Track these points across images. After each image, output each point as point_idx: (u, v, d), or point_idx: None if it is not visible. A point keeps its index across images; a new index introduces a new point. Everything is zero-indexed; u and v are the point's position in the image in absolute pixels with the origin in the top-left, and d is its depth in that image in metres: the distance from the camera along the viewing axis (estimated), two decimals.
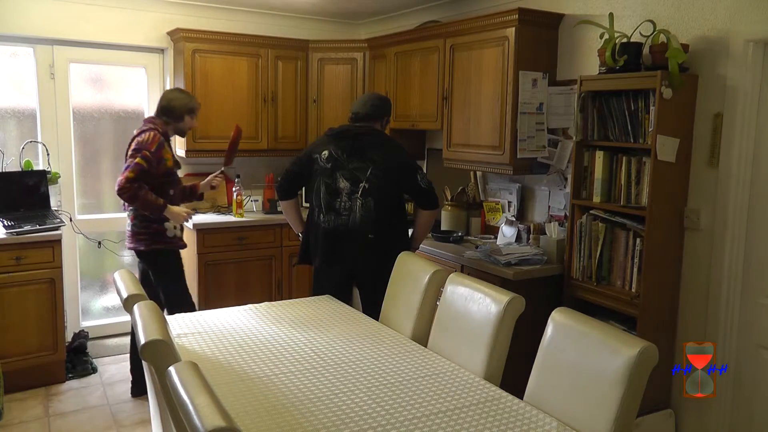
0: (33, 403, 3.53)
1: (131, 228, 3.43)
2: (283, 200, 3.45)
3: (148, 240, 3.40)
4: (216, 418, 1.26)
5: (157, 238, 3.40)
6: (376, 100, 3.31)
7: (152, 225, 3.38)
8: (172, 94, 3.52)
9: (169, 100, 3.47)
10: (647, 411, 2.81)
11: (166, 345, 1.70)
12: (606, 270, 2.95)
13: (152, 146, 3.28)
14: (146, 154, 3.25)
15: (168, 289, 3.47)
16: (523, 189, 3.75)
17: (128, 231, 3.46)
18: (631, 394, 1.72)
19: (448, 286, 2.51)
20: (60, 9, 4.11)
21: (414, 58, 4.08)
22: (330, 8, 4.62)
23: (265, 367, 2.17)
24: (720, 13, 2.70)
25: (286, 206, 3.47)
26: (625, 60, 2.79)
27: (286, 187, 3.39)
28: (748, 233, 2.70)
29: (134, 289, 2.23)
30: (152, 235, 3.40)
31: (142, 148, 3.26)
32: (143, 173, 3.22)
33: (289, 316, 2.75)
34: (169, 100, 3.47)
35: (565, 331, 1.98)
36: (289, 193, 3.41)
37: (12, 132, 4.18)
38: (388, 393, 1.98)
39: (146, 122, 3.47)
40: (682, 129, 2.77)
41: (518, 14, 3.26)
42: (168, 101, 3.46)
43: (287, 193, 3.40)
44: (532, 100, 3.38)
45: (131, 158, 3.26)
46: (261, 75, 4.52)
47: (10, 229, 3.58)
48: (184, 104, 3.46)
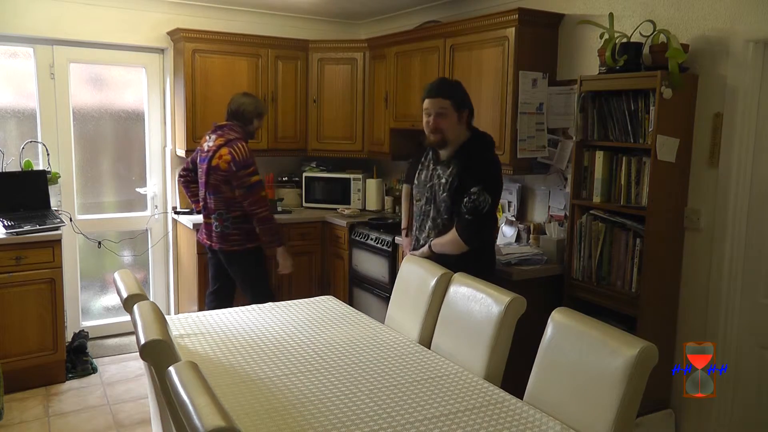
0: (33, 403, 3.53)
1: (221, 230, 3.58)
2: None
3: (242, 240, 3.58)
4: (216, 418, 1.26)
5: (251, 237, 3.59)
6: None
7: (244, 225, 3.57)
8: (241, 100, 3.65)
9: (239, 105, 3.62)
10: (647, 411, 2.81)
11: (166, 345, 1.70)
12: (606, 270, 2.95)
13: (251, 158, 3.50)
14: (255, 168, 3.49)
15: (256, 283, 3.65)
16: (523, 189, 3.75)
17: (215, 233, 3.60)
18: (631, 394, 1.72)
19: (451, 287, 2.51)
20: (60, 9, 4.11)
21: (414, 58, 4.08)
22: (330, 8, 4.62)
23: (266, 368, 2.17)
24: (720, 13, 2.70)
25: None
26: (625, 60, 2.79)
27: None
28: (748, 233, 2.70)
29: (134, 289, 2.23)
30: (246, 235, 3.58)
31: (249, 163, 3.46)
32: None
33: (290, 316, 2.75)
34: (239, 105, 3.62)
35: (565, 331, 1.98)
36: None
37: (12, 132, 4.18)
38: (389, 395, 1.98)
39: (227, 129, 3.56)
40: (682, 129, 2.77)
41: (518, 14, 3.26)
42: (238, 106, 3.61)
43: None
44: (532, 100, 3.38)
45: (248, 177, 3.45)
46: (261, 75, 4.52)
47: (10, 229, 3.58)
48: (253, 109, 3.63)
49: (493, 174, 2.77)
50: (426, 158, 2.98)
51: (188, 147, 4.32)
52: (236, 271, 3.68)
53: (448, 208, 2.80)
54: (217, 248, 3.62)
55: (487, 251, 2.88)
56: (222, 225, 3.57)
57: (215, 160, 3.49)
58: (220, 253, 3.65)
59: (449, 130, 2.78)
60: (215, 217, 3.59)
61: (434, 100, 2.79)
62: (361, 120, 4.65)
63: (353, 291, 4.34)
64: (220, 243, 3.60)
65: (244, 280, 3.69)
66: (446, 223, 2.83)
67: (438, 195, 2.84)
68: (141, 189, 4.70)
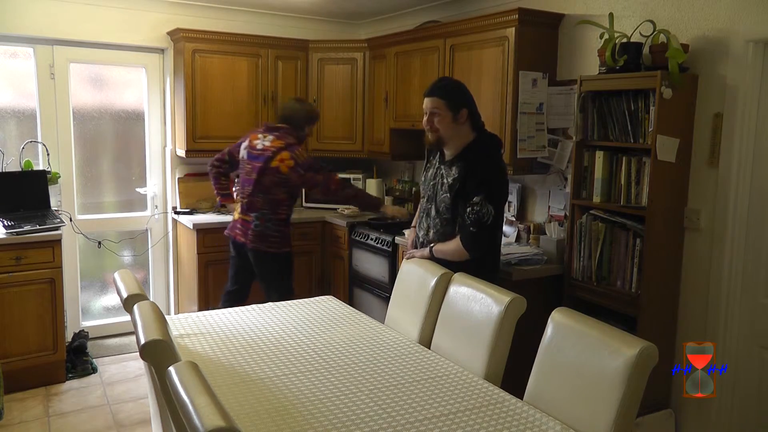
0: (33, 403, 3.53)
1: (261, 229, 3.59)
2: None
3: (279, 243, 3.63)
4: (216, 418, 1.26)
5: (288, 241, 3.68)
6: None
7: (284, 229, 3.64)
8: (294, 106, 3.74)
9: (291, 111, 3.70)
10: (647, 411, 2.81)
11: (166, 345, 1.70)
12: (606, 270, 2.95)
13: (312, 158, 3.65)
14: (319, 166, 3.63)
15: (282, 285, 3.70)
16: (523, 189, 3.75)
17: (253, 231, 3.60)
18: (631, 394, 1.72)
19: (452, 286, 2.50)
20: (60, 9, 4.11)
21: (414, 58, 4.08)
22: (330, 8, 4.62)
23: (266, 368, 2.17)
24: (720, 13, 2.70)
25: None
26: (625, 60, 2.79)
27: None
28: (748, 233, 2.70)
29: (134, 289, 2.23)
30: (284, 238, 3.65)
31: (312, 164, 3.59)
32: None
33: (290, 316, 2.75)
34: (291, 111, 3.70)
35: (565, 331, 1.98)
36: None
37: (12, 132, 4.18)
38: (390, 395, 1.98)
39: (284, 133, 3.62)
40: (682, 129, 2.77)
41: (518, 14, 3.26)
42: (291, 112, 3.69)
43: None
44: (532, 100, 3.38)
45: (316, 175, 3.59)
46: (261, 75, 4.52)
47: (10, 229, 3.58)
48: (305, 115, 3.71)
49: (496, 180, 2.74)
50: (434, 157, 2.98)
51: (188, 147, 4.32)
52: (266, 271, 3.68)
53: (447, 207, 2.80)
54: (251, 247, 3.61)
55: (490, 256, 2.86)
56: (263, 225, 3.58)
57: (276, 162, 3.52)
58: (253, 252, 3.63)
59: (444, 130, 2.78)
60: (257, 216, 3.59)
61: (430, 99, 2.80)
62: (361, 120, 4.65)
63: (353, 291, 4.34)
64: (256, 242, 3.59)
65: (272, 281, 3.69)
66: (443, 222, 2.83)
67: (439, 194, 2.84)
68: (141, 189, 4.70)
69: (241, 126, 4.43)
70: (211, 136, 4.36)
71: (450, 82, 2.91)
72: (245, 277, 3.77)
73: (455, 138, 2.80)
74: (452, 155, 2.83)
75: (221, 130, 4.37)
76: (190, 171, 4.66)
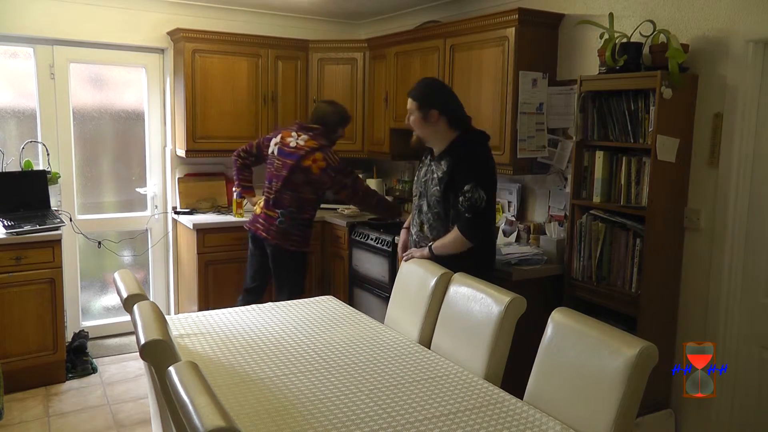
0: (33, 403, 3.53)
1: (285, 227, 3.62)
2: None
3: (300, 242, 3.67)
4: (216, 418, 1.26)
5: (306, 242, 3.72)
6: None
7: (307, 230, 3.70)
8: (327, 108, 3.75)
9: (324, 113, 3.72)
10: (647, 411, 2.81)
11: (166, 345, 1.70)
12: (606, 270, 2.95)
13: (343, 162, 3.66)
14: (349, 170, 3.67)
15: (295, 282, 3.74)
16: (523, 189, 3.75)
17: (277, 227, 3.63)
18: (631, 394, 1.72)
19: (451, 286, 2.51)
20: (60, 9, 4.11)
21: (414, 58, 4.08)
22: (330, 8, 4.62)
23: (266, 368, 2.17)
24: (720, 13, 2.70)
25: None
26: (625, 60, 2.79)
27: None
28: (748, 233, 2.70)
29: (134, 289, 2.23)
30: (305, 239, 3.70)
31: (343, 168, 3.63)
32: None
33: (290, 316, 2.75)
34: (324, 113, 3.72)
35: (565, 331, 1.98)
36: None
37: (12, 132, 4.18)
38: (390, 395, 1.98)
39: (317, 134, 3.65)
40: (682, 129, 2.77)
41: (518, 14, 3.26)
42: (324, 115, 3.71)
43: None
44: (532, 100, 3.38)
45: (345, 178, 3.63)
46: (261, 75, 4.52)
47: (10, 229, 3.58)
48: (338, 119, 3.74)
49: (483, 169, 2.80)
50: (426, 156, 3.02)
51: (188, 147, 4.32)
52: (282, 268, 3.71)
53: (437, 201, 2.84)
54: (273, 243, 3.63)
55: (486, 247, 2.90)
56: (288, 223, 3.61)
57: (308, 161, 3.55)
58: (273, 248, 3.66)
59: (417, 129, 2.90)
60: (283, 213, 3.62)
61: (408, 99, 2.91)
62: (361, 120, 4.65)
63: (353, 291, 4.34)
64: (278, 239, 3.62)
65: (286, 279, 3.72)
66: (434, 216, 2.87)
67: (429, 188, 2.89)
68: (141, 189, 4.70)
69: (241, 126, 4.44)
70: (211, 136, 4.37)
71: (423, 83, 2.99)
72: (265, 273, 3.80)
73: (433, 137, 2.89)
74: (440, 152, 2.90)
75: (221, 130, 4.37)
76: (190, 171, 4.66)
